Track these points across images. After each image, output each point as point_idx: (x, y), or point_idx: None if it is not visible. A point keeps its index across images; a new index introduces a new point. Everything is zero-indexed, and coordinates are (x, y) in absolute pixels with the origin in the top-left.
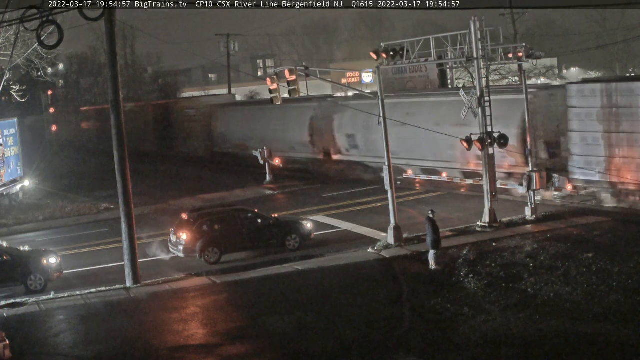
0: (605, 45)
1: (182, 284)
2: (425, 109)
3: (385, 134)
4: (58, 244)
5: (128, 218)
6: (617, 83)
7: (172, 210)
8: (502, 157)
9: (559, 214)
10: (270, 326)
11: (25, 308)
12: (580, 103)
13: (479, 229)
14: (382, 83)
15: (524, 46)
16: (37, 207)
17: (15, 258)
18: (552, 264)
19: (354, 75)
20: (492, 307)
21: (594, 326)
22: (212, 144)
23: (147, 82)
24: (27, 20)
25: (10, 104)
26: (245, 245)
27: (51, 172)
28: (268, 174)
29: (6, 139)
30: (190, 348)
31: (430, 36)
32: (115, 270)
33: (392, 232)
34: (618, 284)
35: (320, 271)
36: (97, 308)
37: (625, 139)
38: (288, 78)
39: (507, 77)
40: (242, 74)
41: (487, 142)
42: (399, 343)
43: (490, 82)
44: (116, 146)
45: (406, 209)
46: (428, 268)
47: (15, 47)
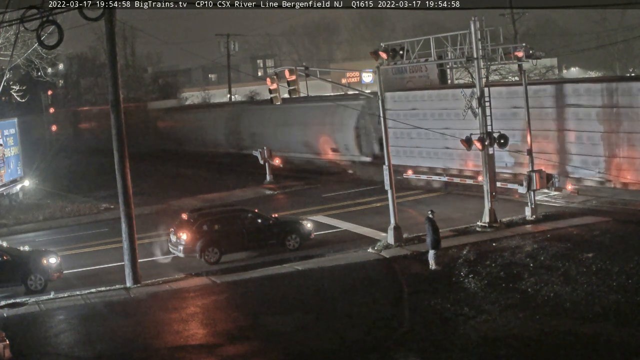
0: (605, 45)
1: (182, 284)
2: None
3: (385, 134)
4: (58, 244)
5: (128, 218)
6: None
7: (172, 210)
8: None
9: (559, 214)
10: (270, 326)
11: (25, 308)
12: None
13: (479, 229)
14: (382, 83)
15: (524, 46)
16: (37, 207)
17: (15, 258)
18: (552, 264)
19: (354, 75)
20: (492, 307)
21: (594, 326)
22: (158, 141)
23: (147, 82)
24: (27, 20)
25: (10, 104)
26: (245, 245)
27: (51, 172)
28: (268, 174)
29: (6, 139)
30: (190, 348)
31: (430, 36)
32: (115, 270)
33: (392, 232)
34: (618, 284)
35: (320, 271)
36: (97, 308)
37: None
38: (288, 78)
39: (506, 77)
40: (242, 74)
41: (487, 142)
42: (399, 343)
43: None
44: (116, 146)
45: (406, 209)
46: (428, 268)
47: (15, 47)
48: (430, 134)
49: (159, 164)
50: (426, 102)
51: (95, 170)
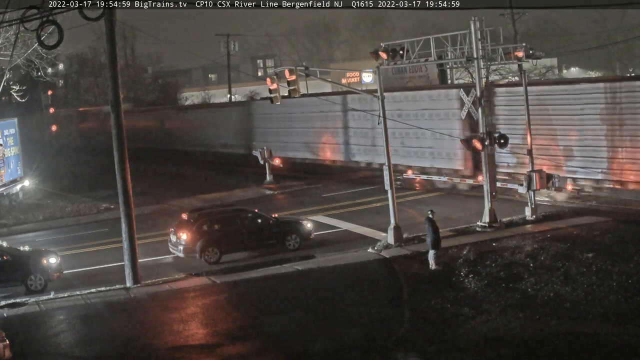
0: (605, 45)
1: (182, 284)
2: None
3: (385, 134)
4: (58, 244)
5: (128, 218)
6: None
7: (172, 210)
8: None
9: (558, 214)
10: (270, 326)
11: (25, 308)
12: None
13: (479, 229)
14: (382, 83)
15: (524, 46)
16: (37, 207)
17: (15, 258)
18: (552, 264)
19: (354, 75)
20: (492, 307)
21: (594, 326)
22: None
23: (147, 82)
24: (27, 20)
25: (10, 104)
26: (245, 245)
27: (51, 172)
28: (268, 174)
29: (6, 139)
30: (190, 348)
31: (430, 36)
32: (115, 270)
33: (392, 232)
34: (618, 284)
35: (320, 271)
36: (97, 308)
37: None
38: (288, 78)
39: (506, 77)
40: (242, 74)
41: (487, 142)
42: (399, 343)
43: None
44: (116, 146)
45: (406, 209)
46: (428, 268)
47: (15, 47)
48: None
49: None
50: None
51: (95, 170)
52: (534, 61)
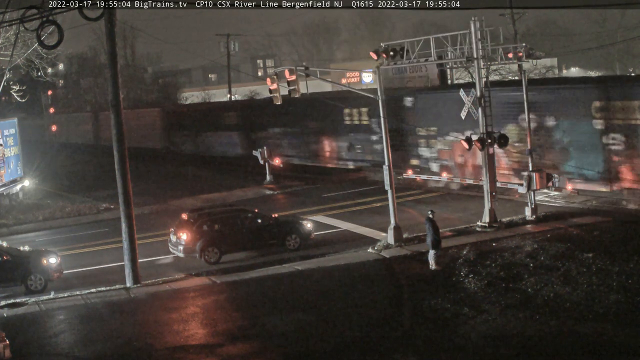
0: (605, 45)
1: (182, 284)
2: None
3: (385, 134)
4: (58, 244)
5: (128, 218)
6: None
7: (172, 210)
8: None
9: (559, 214)
10: (270, 326)
11: (25, 308)
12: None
13: (479, 229)
14: (382, 83)
15: (524, 46)
16: (37, 207)
17: (15, 258)
18: (552, 264)
19: (354, 75)
20: (492, 307)
21: (594, 326)
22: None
23: (147, 82)
24: (27, 20)
25: (10, 104)
26: (245, 245)
27: (51, 172)
28: (268, 174)
29: (6, 139)
30: (190, 348)
31: (430, 36)
32: (115, 270)
33: (392, 232)
34: (618, 284)
35: (320, 271)
36: (97, 308)
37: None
38: (288, 78)
39: (506, 77)
40: (242, 74)
41: (487, 142)
42: (398, 343)
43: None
44: (116, 146)
45: (406, 209)
46: (428, 268)
47: (15, 47)
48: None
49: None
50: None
51: (95, 170)
52: (534, 61)
